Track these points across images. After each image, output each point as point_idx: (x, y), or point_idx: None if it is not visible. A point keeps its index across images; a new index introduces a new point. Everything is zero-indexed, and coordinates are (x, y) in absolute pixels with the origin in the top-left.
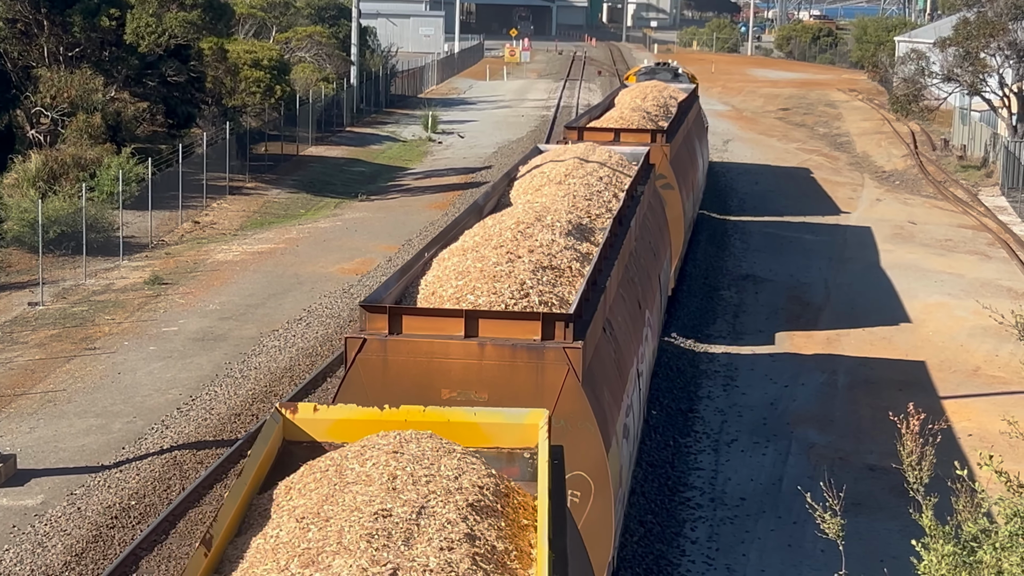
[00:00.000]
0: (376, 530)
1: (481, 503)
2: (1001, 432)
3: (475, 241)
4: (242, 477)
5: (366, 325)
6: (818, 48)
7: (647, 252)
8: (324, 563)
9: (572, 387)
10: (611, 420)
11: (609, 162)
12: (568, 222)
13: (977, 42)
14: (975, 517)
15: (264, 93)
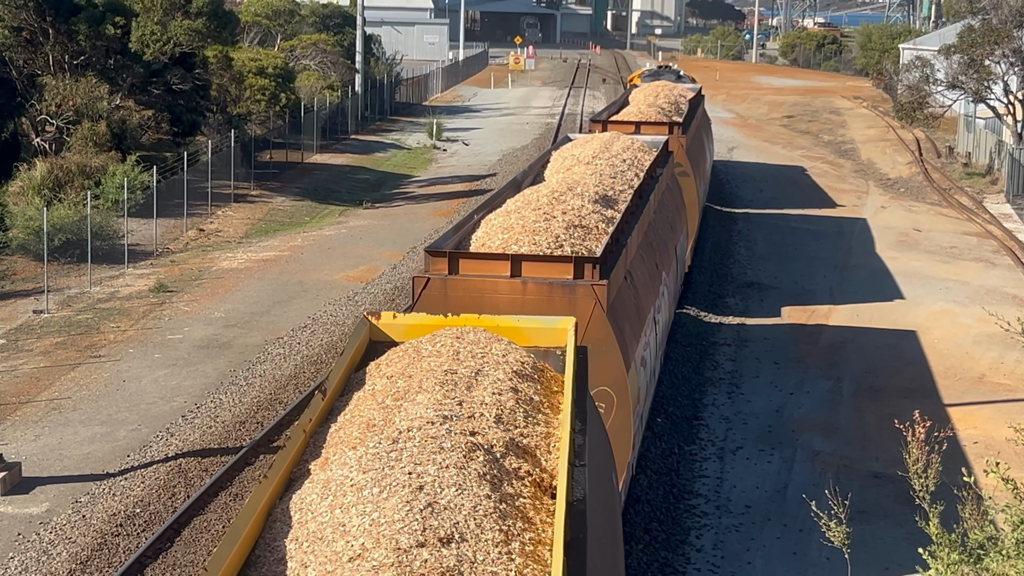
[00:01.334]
0: (446, 380)
1: (522, 371)
2: (1007, 439)
3: (516, 206)
4: (339, 360)
5: (429, 267)
6: (822, 55)
7: (665, 225)
8: (410, 399)
9: (598, 317)
10: (631, 348)
11: (632, 148)
12: (595, 193)
13: (982, 49)
14: (981, 525)
15: (269, 101)
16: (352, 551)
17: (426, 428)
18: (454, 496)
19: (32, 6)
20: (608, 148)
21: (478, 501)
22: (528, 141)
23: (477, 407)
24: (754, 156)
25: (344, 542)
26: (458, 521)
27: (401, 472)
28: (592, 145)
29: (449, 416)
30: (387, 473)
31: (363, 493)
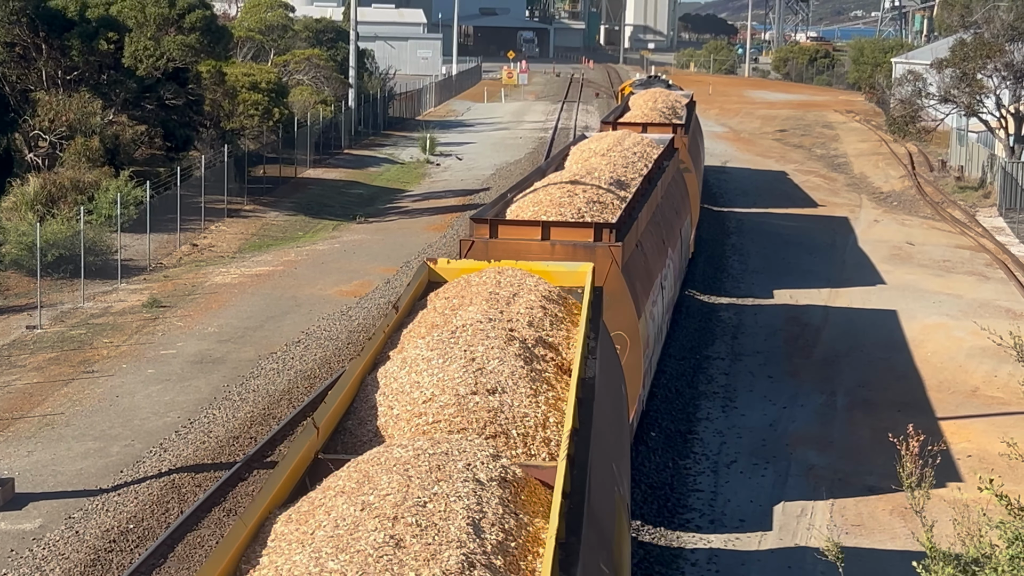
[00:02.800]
0: (490, 297)
1: (549, 296)
2: (1000, 453)
3: (543, 185)
4: (406, 290)
5: (473, 232)
6: (815, 69)
7: (671, 209)
8: (463, 309)
9: (615, 273)
10: (641, 301)
11: (641, 143)
12: (611, 177)
13: (974, 63)
14: (976, 540)
15: (262, 116)
16: (425, 397)
17: (475, 324)
18: (497, 365)
19: (25, 22)
20: (621, 143)
21: (514, 369)
22: (521, 155)
23: (514, 315)
24: (748, 171)
25: (419, 392)
26: (499, 380)
27: (458, 350)
28: (606, 140)
29: (493, 318)
30: (448, 351)
31: (431, 363)
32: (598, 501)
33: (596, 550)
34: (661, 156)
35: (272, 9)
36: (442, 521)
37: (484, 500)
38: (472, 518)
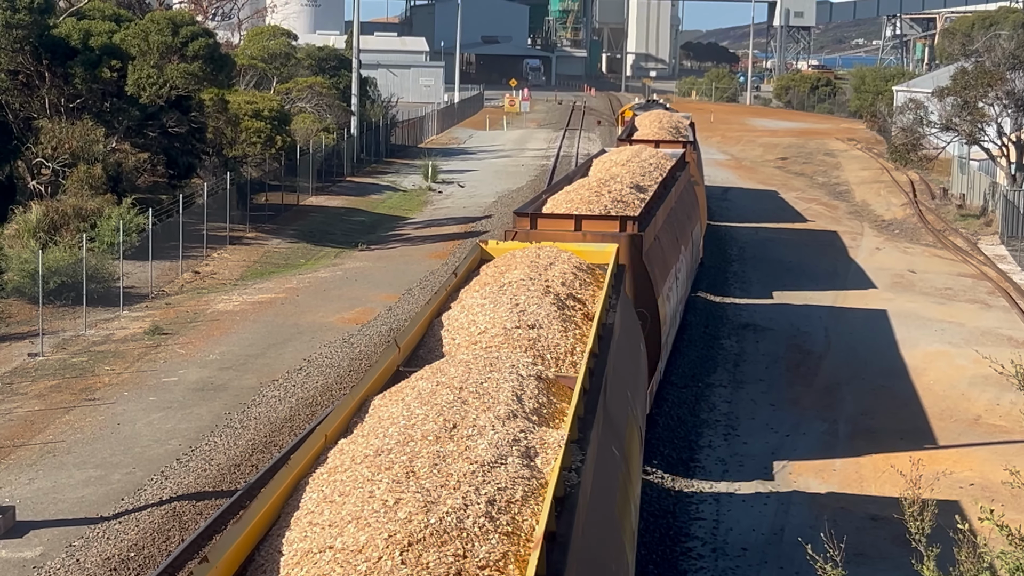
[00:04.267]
0: (531, 265)
1: (580, 267)
2: (1003, 482)
3: (573, 188)
4: (463, 263)
5: (516, 224)
6: (817, 98)
7: (683, 213)
8: (509, 272)
9: (637, 259)
10: (659, 284)
11: (656, 156)
12: (631, 182)
13: (975, 91)
14: (977, 570)
15: (265, 143)
16: (479, 329)
17: (519, 281)
18: (535, 308)
19: (28, 49)
20: (638, 155)
21: (549, 312)
22: (524, 183)
23: (550, 276)
24: (749, 199)
25: (475, 327)
26: (537, 319)
27: (505, 298)
28: (625, 153)
29: (533, 278)
30: (497, 299)
31: (484, 307)
32: (612, 406)
33: (608, 436)
34: (674, 167)
35: (275, 37)
36: (494, 392)
37: (524, 384)
38: (515, 392)
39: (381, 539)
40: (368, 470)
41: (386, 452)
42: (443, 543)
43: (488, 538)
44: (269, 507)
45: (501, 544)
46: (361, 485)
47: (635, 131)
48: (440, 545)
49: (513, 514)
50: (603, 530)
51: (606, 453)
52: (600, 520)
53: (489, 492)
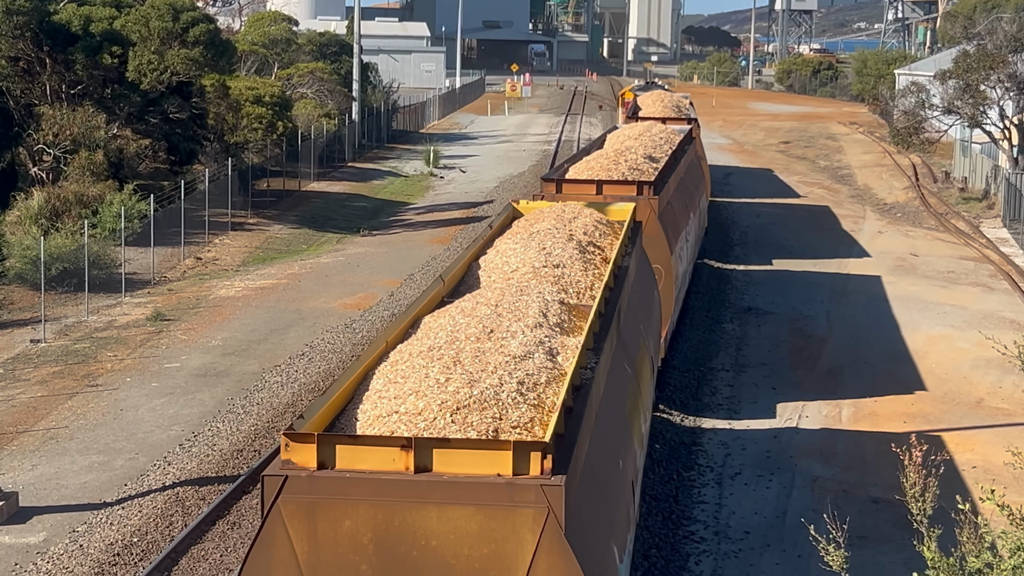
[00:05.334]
0: (557, 218)
1: (600, 221)
2: (1005, 463)
3: (592, 157)
4: (497, 217)
5: (542, 189)
6: (818, 81)
7: (691, 184)
8: (537, 223)
9: (652, 219)
10: (673, 243)
11: (665, 131)
12: (644, 154)
13: (977, 74)
14: (979, 550)
15: (266, 129)
16: (511, 268)
17: (546, 230)
18: (560, 251)
19: (29, 36)
20: (649, 130)
21: (572, 254)
22: (525, 168)
23: (574, 227)
24: (751, 182)
25: (507, 267)
26: (562, 259)
27: (534, 243)
28: (637, 128)
29: (559, 227)
30: (527, 244)
31: (515, 251)
32: (625, 331)
33: (620, 353)
34: (682, 141)
35: (276, 23)
36: (524, 309)
37: (549, 305)
38: (542, 310)
39: (436, 405)
40: (423, 360)
41: (437, 348)
42: (484, 408)
43: (519, 407)
44: (344, 389)
45: (529, 412)
46: (417, 370)
47: (639, 110)
48: (481, 410)
49: (538, 392)
50: (613, 421)
51: (618, 364)
52: (610, 413)
53: (519, 375)
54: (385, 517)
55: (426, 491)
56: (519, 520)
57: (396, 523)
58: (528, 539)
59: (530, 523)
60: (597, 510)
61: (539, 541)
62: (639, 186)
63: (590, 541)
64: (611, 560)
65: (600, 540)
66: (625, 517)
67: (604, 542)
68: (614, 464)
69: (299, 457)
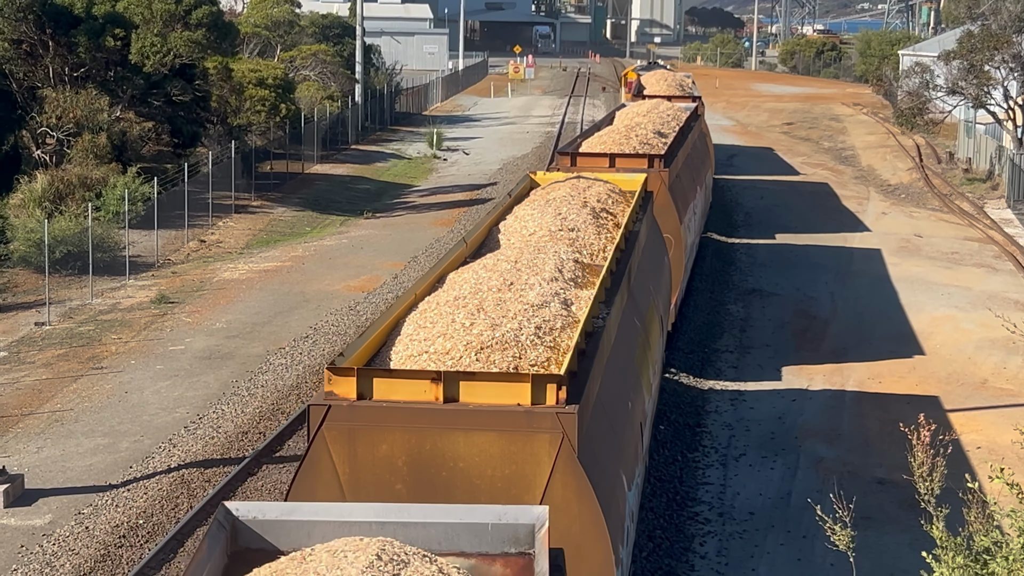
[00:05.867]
0: (572, 187)
1: (613, 190)
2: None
3: (604, 132)
4: (515, 188)
5: (558, 162)
6: (822, 62)
7: (698, 159)
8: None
9: (663, 190)
10: (682, 213)
11: (672, 108)
12: (653, 129)
13: (981, 55)
14: (987, 529)
15: (269, 111)
16: (529, 231)
17: (561, 197)
18: (575, 216)
19: (32, 19)
20: (656, 108)
21: (585, 219)
22: (528, 150)
23: (588, 195)
24: (755, 163)
25: (525, 230)
26: (576, 223)
27: (551, 209)
28: (645, 106)
29: (574, 195)
30: (544, 209)
31: (533, 216)
32: (635, 289)
33: (631, 308)
34: (688, 118)
35: (278, 5)
36: (541, 265)
37: (564, 262)
38: (557, 266)
39: (461, 345)
40: (449, 308)
41: (462, 298)
42: (504, 349)
43: (536, 348)
44: (378, 334)
45: (545, 353)
46: (444, 316)
47: (643, 89)
48: (503, 350)
49: (554, 336)
50: (622, 366)
51: (628, 318)
52: (620, 358)
53: (537, 321)
54: (417, 442)
55: (454, 419)
56: (537, 444)
57: (427, 447)
58: (545, 461)
59: (547, 446)
60: (607, 440)
61: (555, 462)
62: (650, 159)
63: (600, 466)
64: (620, 485)
65: (610, 466)
66: (634, 452)
67: (613, 469)
68: (623, 404)
69: (340, 389)
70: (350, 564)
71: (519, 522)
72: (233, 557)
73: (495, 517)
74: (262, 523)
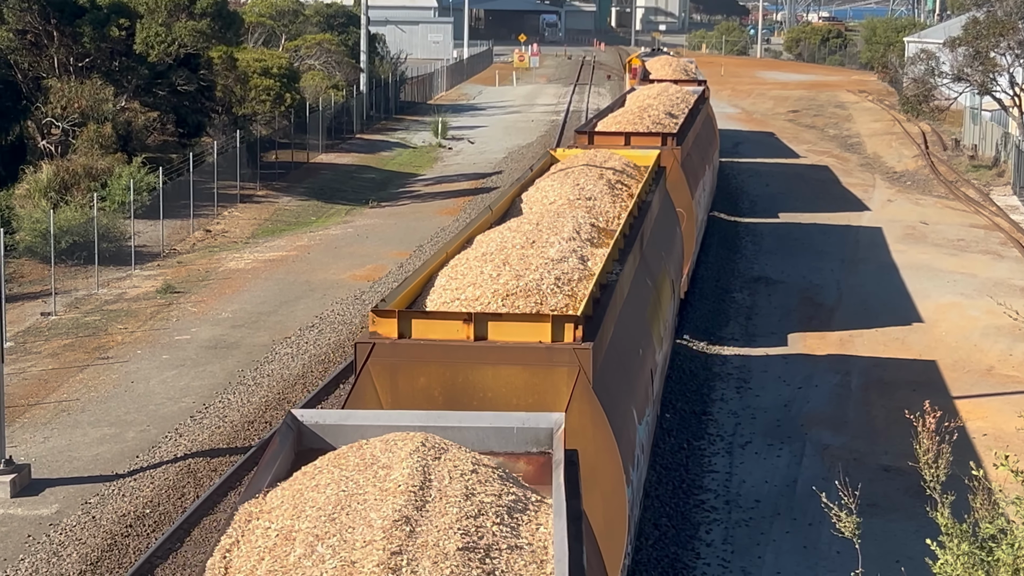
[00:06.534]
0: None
1: (629, 163)
2: (1018, 429)
3: (618, 113)
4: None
5: (576, 140)
6: (827, 50)
7: (706, 140)
8: (572, 165)
9: (676, 167)
10: (694, 189)
11: (680, 92)
12: (663, 110)
13: (987, 41)
14: (992, 516)
15: (274, 101)
16: (549, 200)
17: (580, 169)
18: (591, 186)
19: (36, 9)
20: (666, 91)
21: (602, 189)
22: (533, 139)
23: (604, 169)
24: (761, 150)
25: (547, 199)
26: (593, 192)
27: (569, 180)
28: (655, 89)
29: (591, 168)
30: (564, 180)
31: (553, 186)
32: (647, 253)
33: (643, 269)
34: (697, 100)
35: None
36: (560, 226)
37: (581, 225)
38: (575, 228)
39: (489, 293)
40: (478, 263)
41: (489, 254)
42: (527, 296)
43: (556, 296)
44: (414, 285)
45: (564, 300)
46: (474, 269)
47: (648, 74)
48: (526, 297)
49: (572, 286)
50: (634, 317)
51: (640, 277)
52: (631, 310)
53: (556, 273)
54: (451, 375)
55: (483, 355)
56: (556, 376)
57: (460, 380)
58: (563, 391)
59: (565, 378)
60: (618, 378)
61: (572, 392)
62: (663, 138)
63: (612, 398)
64: (631, 418)
65: (621, 400)
66: (644, 393)
67: (625, 403)
68: (634, 349)
69: (383, 329)
70: (400, 449)
71: (539, 426)
72: (299, 455)
73: (520, 422)
74: (323, 427)
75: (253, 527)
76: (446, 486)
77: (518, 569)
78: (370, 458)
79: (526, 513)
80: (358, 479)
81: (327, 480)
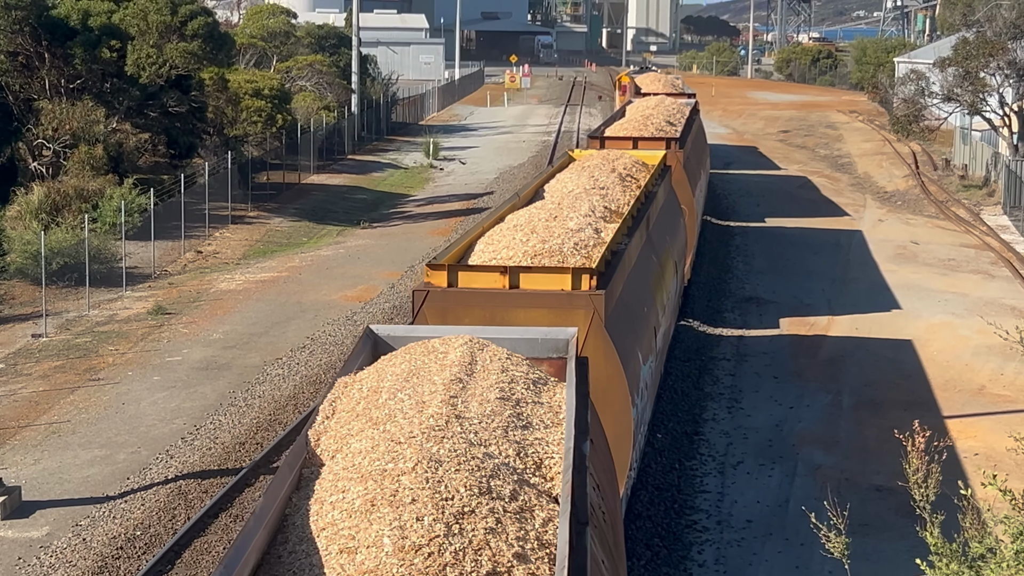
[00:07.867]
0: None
1: (638, 163)
2: (1008, 449)
3: (623, 121)
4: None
5: (588, 144)
6: (818, 70)
7: (700, 147)
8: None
9: (679, 169)
10: (694, 187)
11: (676, 104)
12: (663, 119)
13: (977, 61)
14: (981, 535)
15: (265, 122)
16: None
17: (594, 164)
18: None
19: (28, 31)
20: (662, 102)
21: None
22: (525, 159)
23: (616, 164)
24: (750, 170)
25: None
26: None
27: (585, 174)
28: (652, 101)
29: (604, 164)
30: (580, 174)
31: (571, 178)
32: (653, 234)
33: (648, 246)
34: (692, 111)
35: (274, 15)
36: (578, 206)
37: (595, 207)
38: (591, 208)
39: (520, 253)
40: (510, 231)
41: (519, 226)
42: (552, 256)
43: (574, 256)
44: (459, 248)
45: (581, 260)
46: (507, 236)
47: (639, 89)
48: (550, 256)
49: (588, 251)
50: (640, 282)
51: (646, 252)
52: (638, 276)
53: (575, 240)
54: (490, 316)
55: (516, 300)
56: (575, 316)
57: (497, 320)
58: (581, 328)
59: (582, 318)
60: (626, 324)
61: (588, 329)
62: (668, 141)
63: (621, 337)
64: (636, 357)
65: (628, 341)
66: (648, 341)
67: (631, 344)
68: (640, 307)
69: (436, 280)
70: (453, 342)
71: (558, 338)
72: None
73: (543, 335)
74: (394, 338)
75: (349, 388)
76: (488, 364)
77: (540, 415)
78: (432, 348)
79: (547, 385)
80: (423, 359)
81: (401, 360)
